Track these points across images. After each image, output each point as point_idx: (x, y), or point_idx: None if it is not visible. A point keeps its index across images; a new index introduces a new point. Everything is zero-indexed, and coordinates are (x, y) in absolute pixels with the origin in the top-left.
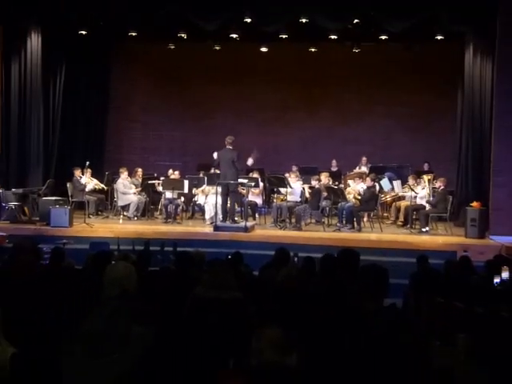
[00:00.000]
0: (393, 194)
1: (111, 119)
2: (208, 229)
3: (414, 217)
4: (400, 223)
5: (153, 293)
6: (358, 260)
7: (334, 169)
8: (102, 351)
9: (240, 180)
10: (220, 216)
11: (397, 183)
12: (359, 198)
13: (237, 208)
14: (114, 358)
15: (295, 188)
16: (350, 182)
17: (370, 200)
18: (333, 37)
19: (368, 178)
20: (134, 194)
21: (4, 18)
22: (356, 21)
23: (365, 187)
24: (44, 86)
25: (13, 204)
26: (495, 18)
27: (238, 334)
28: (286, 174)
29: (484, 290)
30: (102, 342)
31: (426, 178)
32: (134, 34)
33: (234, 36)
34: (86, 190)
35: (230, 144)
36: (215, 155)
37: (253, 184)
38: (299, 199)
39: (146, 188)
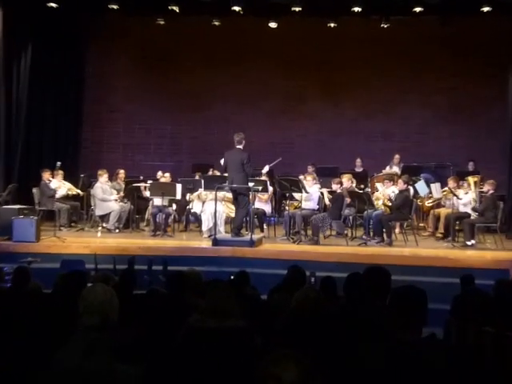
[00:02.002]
0: (431, 199)
1: (87, 110)
2: (206, 243)
3: (456, 227)
4: (440, 235)
5: (139, 322)
6: (389, 280)
7: (359, 169)
8: None
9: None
10: (221, 228)
11: (435, 186)
12: (390, 204)
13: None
14: None
15: (312, 193)
16: (378, 185)
17: (403, 207)
18: (356, 9)
19: (400, 181)
20: (116, 200)
21: None
22: None
23: (396, 191)
24: (5, 71)
25: None
26: None
27: (242, 370)
28: (301, 176)
29: None
30: (78, 381)
31: (470, 180)
32: (114, 6)
33: (237, 9)
34: (57, 196)
35: (240, 143)
36: (222, 161)
37: (260, 188)
38: (317, 206)
39: (129, 194)
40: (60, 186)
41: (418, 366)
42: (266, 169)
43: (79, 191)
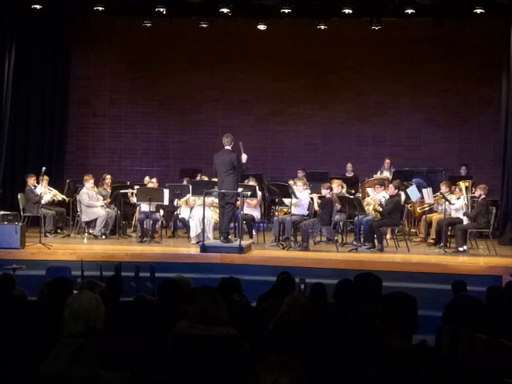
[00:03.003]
0: (422, 204)
1: (73, 114)
2: (194, 249)
3: (448, 233)
4: (431, 241)
5: (125, 329)
6: (380, 287)
7: (350, 174)
8: None
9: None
10: (209, 234)
11: (427, 191)
12: (380, 210)
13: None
14: None
15: (301, 198)
16: (369, 190)
17: (394, 212)
18: (347, 11)
19: (391, 186)
20: (102, 206)
21: None
22: None
23: (387, 197)
24: None
25: None
26: None
27: (230, 377)
28: (290, 182)
29: None
30: None
31: (462, 184)
32: (100, 7)
33: (225, 10)
34: (42, 202)
35: (229, 144)
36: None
37: (249, 193)
38: (306, 212)
39: (116, 199)
40: (45, 191)
41: (407, 373)
42: (244, 157)
43: (65, 197)
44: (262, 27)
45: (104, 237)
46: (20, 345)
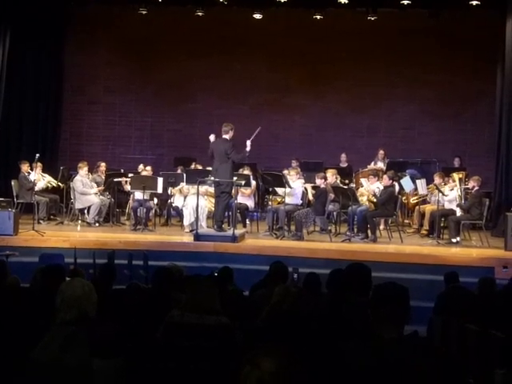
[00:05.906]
0: (416, 195)
1: (67, 102)
2: (187, 238)
3: (441, 224)
4: (424, 232)
5: (118, 317)
6: (370, 277)
7: (344, 164)
8: None
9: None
10: (203, 223)
11: (421, 183)
12: (374, 200)
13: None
14: None
15: (295, 188)
16: (362, 180)
17: (388, 203)
18: (343, 1)
19: (385, 176)
20: (96, 194)
21: None
22: None
23: (381, 187)
24: None
25: None
26: None
27: (223, 367)
28: (285, 171)
29: None
30: (56, 376)
31: (456, 176)
32: None
33: None
34: (36, 188)
35: (226, 132)
36: (211, 138)
37: (243, 182)
38: (300, 202)
39: (110, 187)
40: (39, 178)
41: (398, 363)
42: (248, 145)
43: (59, 183)
44: (257, 16)
45: (97, 224)
46: (13, 331)
